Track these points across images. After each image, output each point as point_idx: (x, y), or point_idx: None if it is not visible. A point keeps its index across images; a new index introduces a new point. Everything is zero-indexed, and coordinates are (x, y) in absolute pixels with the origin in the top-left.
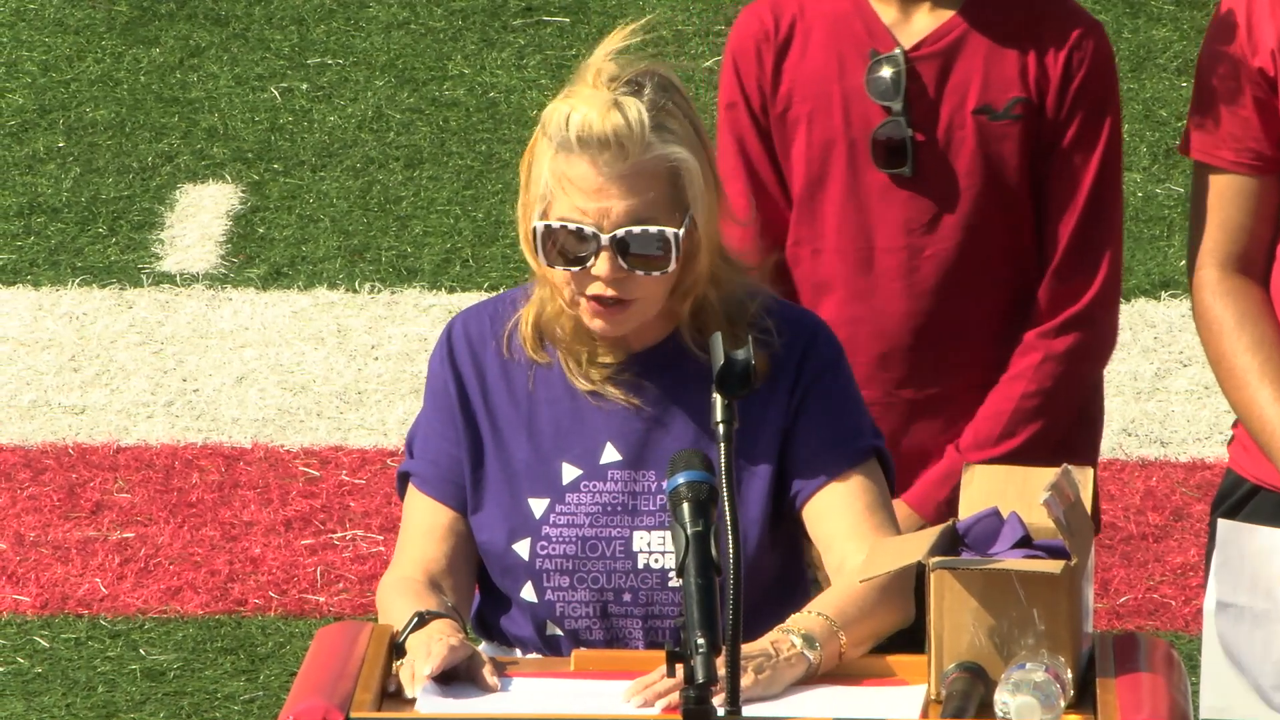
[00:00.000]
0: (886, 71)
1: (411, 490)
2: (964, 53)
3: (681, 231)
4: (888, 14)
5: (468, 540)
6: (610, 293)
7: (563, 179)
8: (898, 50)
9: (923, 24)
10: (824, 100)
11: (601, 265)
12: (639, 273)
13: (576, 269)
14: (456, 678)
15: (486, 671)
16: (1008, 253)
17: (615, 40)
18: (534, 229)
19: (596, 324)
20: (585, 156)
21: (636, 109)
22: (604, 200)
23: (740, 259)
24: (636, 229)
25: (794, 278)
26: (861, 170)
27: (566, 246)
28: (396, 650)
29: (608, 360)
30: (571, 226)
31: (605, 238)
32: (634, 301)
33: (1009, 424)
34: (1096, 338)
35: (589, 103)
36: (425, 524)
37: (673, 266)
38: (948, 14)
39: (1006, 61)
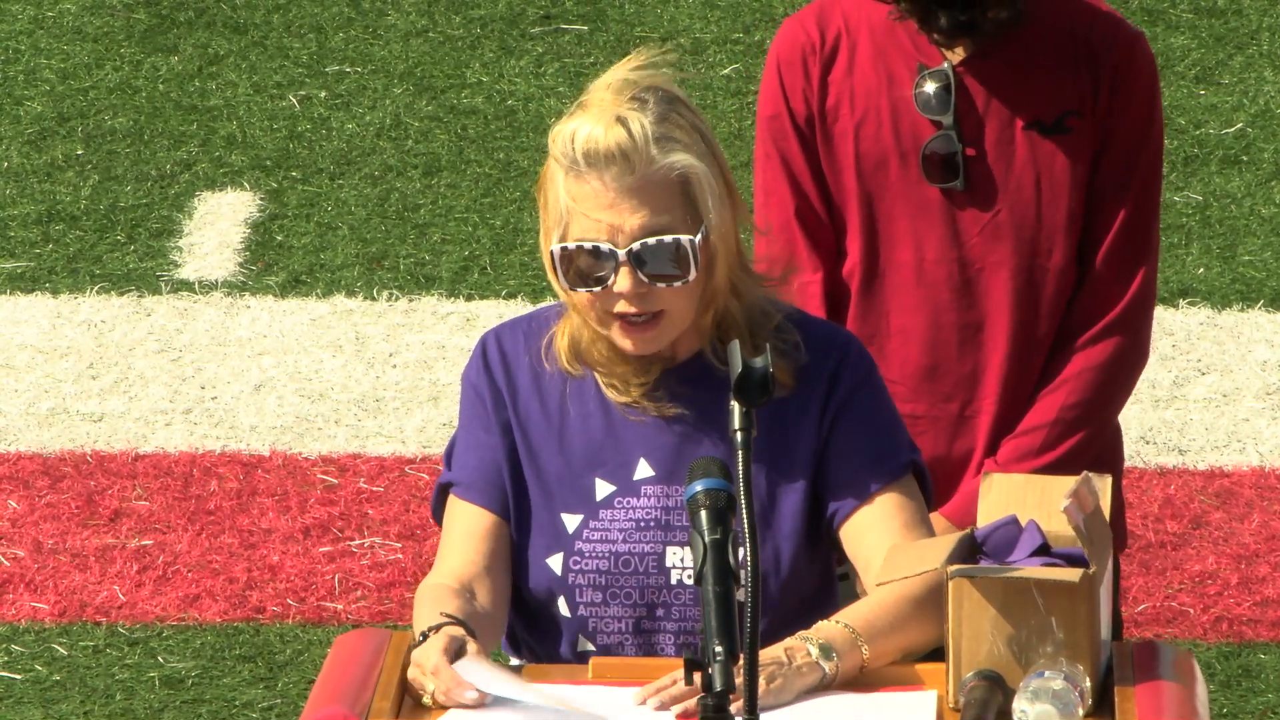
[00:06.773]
0: (934, 86)
1: (451, 499)
2: (1012, 66)
3: (698, 239)
4: None
5: (509, 544)
6: (634, 309)
7: (576, 199)
8: (945, 65)
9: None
10: (873, 113)
11: (622, 282)
12: (660, 285)
13: (598, 289)
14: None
15: (472, 648)
16: (1061, 266)
17: (628, 64)
18: (552, 252)
19: (627, 343)
20: (593, 174)
21: (639, 121)
22: (617, 216)
23: (764, 269)
24: (651, 241)
25: (850, 290)
26: (913, 183)
27: (585, 267)
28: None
29: (641, 380)
30: (588, 246)
31: (622, 253)
32: (662, 315)
33: (1050, 436)
34: (1133, 345)
35: (592, 120)
36: (465, 529)
37: (693, 276)
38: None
39: (1055, 75)
